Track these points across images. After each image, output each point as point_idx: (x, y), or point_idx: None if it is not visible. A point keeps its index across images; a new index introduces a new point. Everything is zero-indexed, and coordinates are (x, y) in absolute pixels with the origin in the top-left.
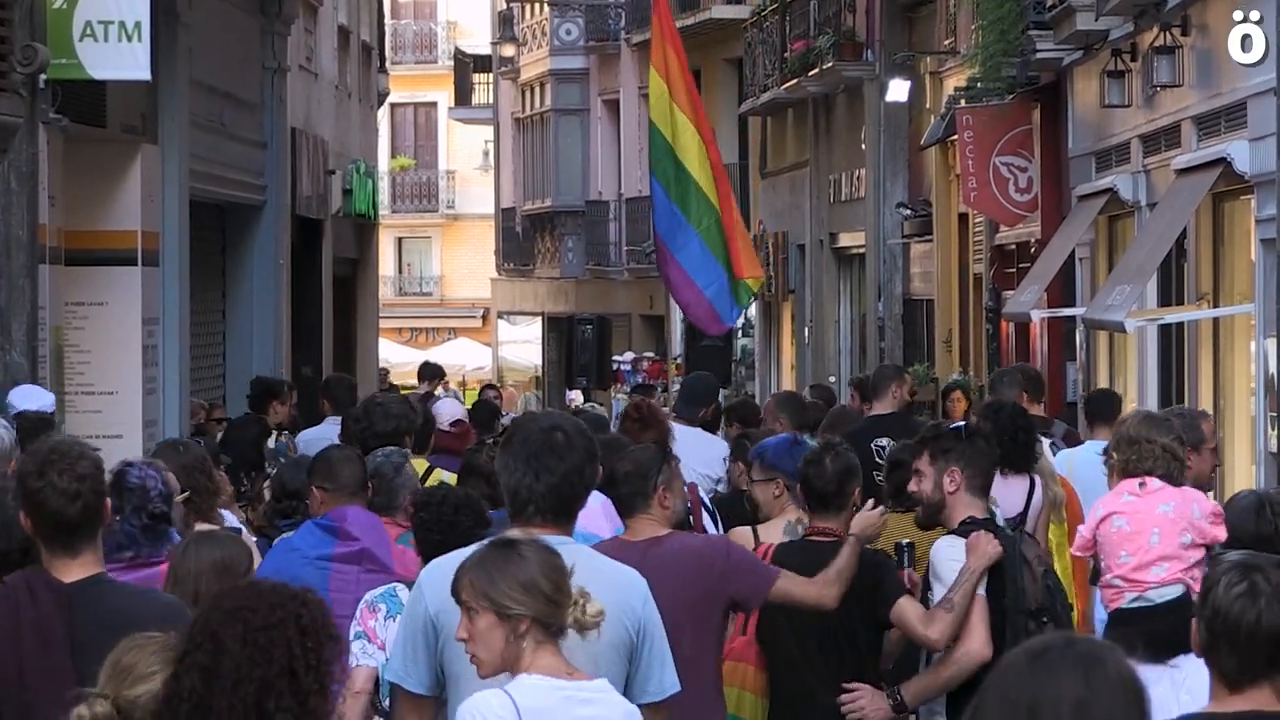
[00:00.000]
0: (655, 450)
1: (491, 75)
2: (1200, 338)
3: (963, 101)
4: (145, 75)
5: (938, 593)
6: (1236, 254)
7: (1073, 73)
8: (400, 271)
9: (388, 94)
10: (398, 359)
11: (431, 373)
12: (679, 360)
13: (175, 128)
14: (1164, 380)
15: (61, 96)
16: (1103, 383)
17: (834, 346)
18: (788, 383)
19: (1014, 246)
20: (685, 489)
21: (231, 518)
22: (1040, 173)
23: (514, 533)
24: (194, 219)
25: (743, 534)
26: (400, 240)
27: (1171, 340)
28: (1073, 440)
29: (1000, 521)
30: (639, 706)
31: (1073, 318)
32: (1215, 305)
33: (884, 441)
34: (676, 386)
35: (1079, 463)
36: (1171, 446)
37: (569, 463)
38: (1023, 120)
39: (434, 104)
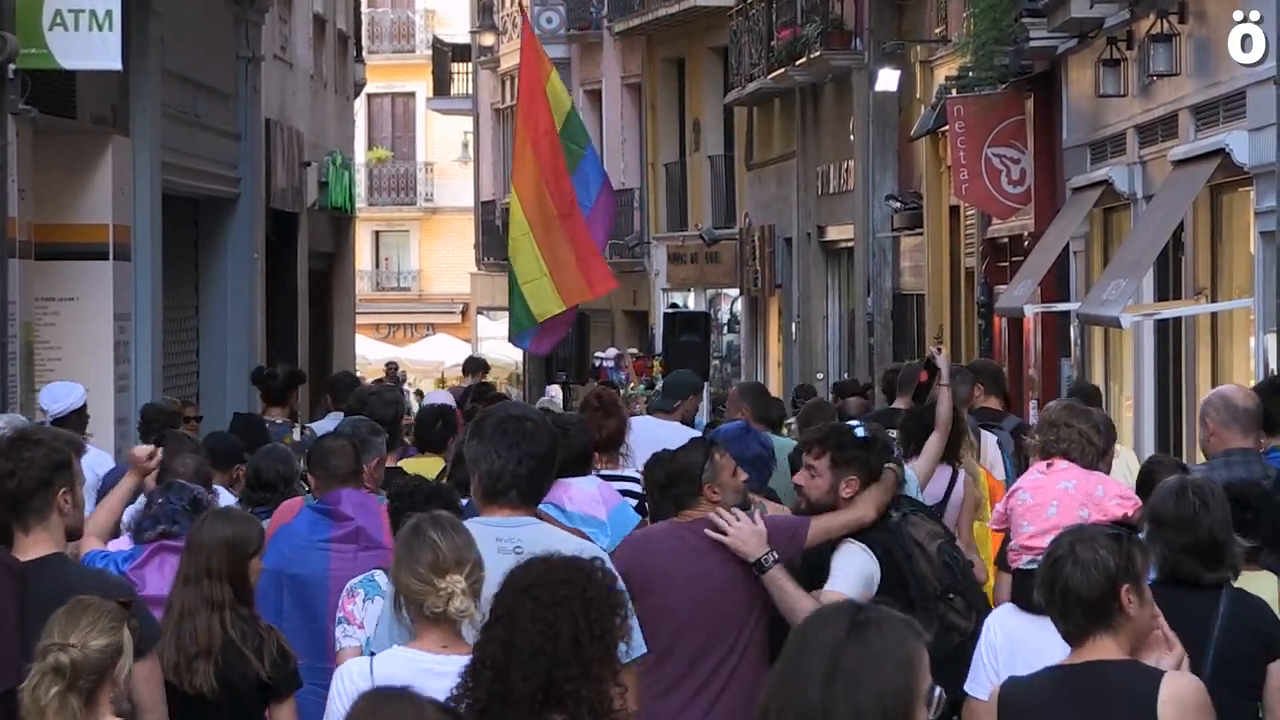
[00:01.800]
0: (701, 448)
1: (471, 65)
2: (1198, 333)
3: (954, 91)
4: (116, 65)
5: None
6: (1235, 247)
7: (1067, 61)
8: (377, 266)
9: (364, 84)
10: (375, 355)
11: (476, 366)
12: (661, 357)
13: (147, 119)
14: (1161, 377)
15: (31, 87)
16: (1098, 379)
17: (822, 343)
18: (775, 380)
19: (1007, 240)
20: (736, 478)
21: (228, 496)
22: (1033, 164)
23: (424, 522)
24: (166, 212)
25: None
26: (377, 234)
27: (1169, 336)
28: (1023, 433)
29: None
30: None
31: (1067, 313)
32: (1213, 300)
33: (892, 434)
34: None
35: None
36: (1087, 433)
37: (542, 448)
38: (1016, 110)
39: (412, 94)
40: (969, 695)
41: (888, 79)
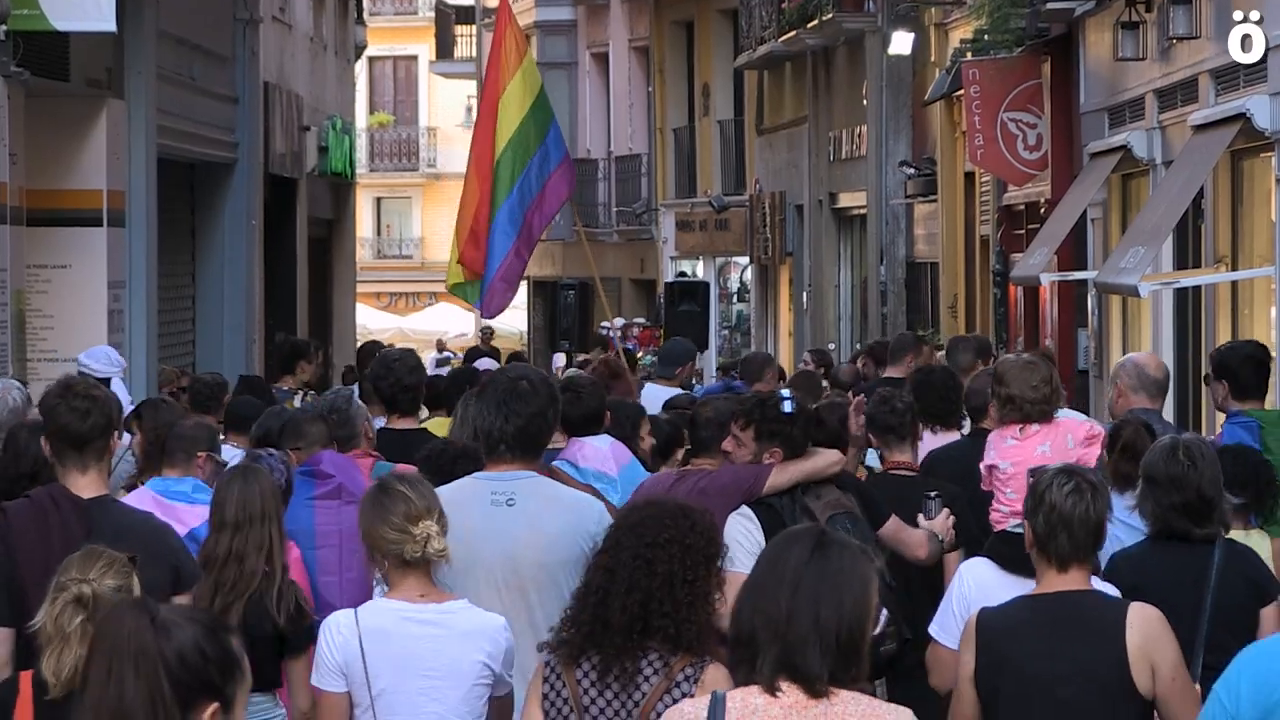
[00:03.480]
0: (733, 401)
1: (475, 27)
2: (1218, 302)
3: (969, 55)
4: (111, 26)
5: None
6: (1256, 214)
7: (1084, 24)
8: (379, 233)
9: (365, 46)
10: (376, 325)
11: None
12: (663, 326)
13: (142, 82)
14: (1179, 347)
15: (23, 49)
16: (1115, 349)
17: (833, 312)
18: (785, 350)
19: (1023, 207)
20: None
21: (230, 450)
22: (1050, 129)
23: (389, 479)
24: (162, 177)
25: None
26: (379, 200)
27: (1188, 305)
28: None
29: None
30: None
31: (1084, 281)
32: (1234, 268)
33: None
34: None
35: None
36: (1039, 395)
37: (534, 407)
38: (1032, 74)
39: (414, 57)
40: (935, 640)
41: (902, 42)
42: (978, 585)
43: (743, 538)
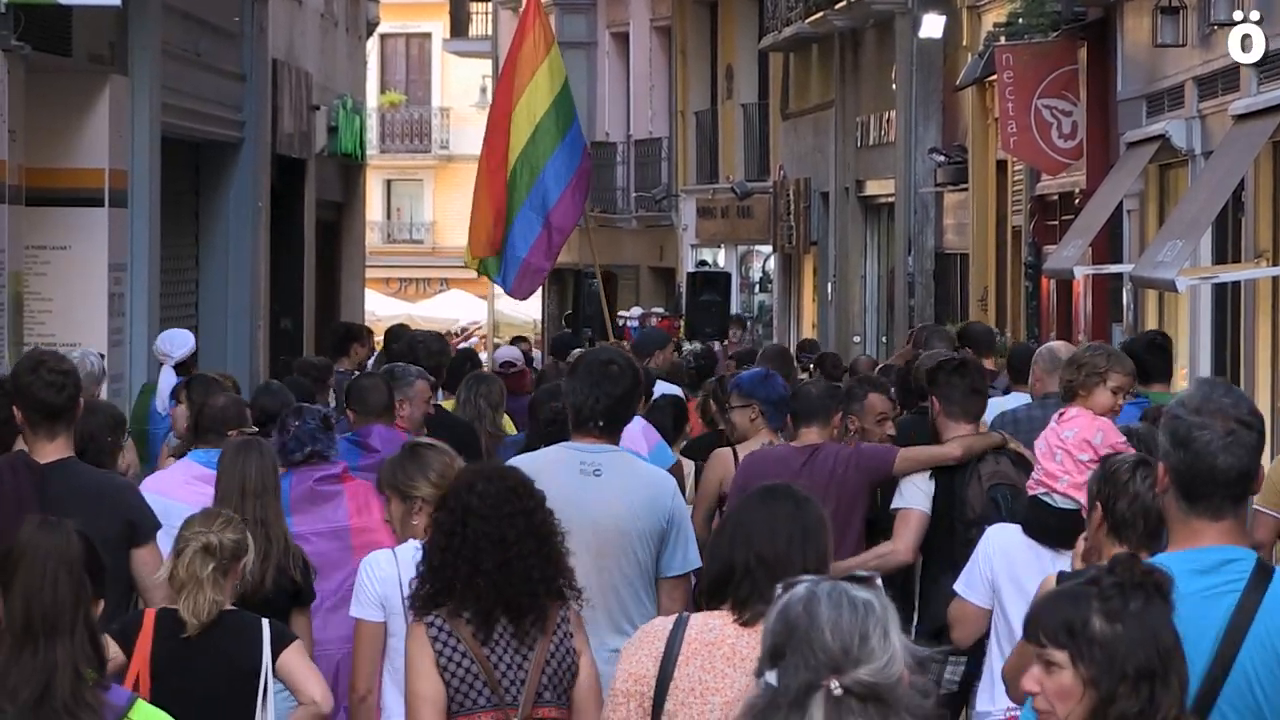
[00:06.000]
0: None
1: (490, 5)
2: (1258, 298)
3: (1002, 39)
4: (115, 0)
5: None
6: None
7: (1122, 8)
8: (389, 217)
9: (378, 23)
10: (385, 311)
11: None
12: (684, 317)
13: (146, 58)
14: (1218, 344)
15: (24, 22)
16: None
17: (859, 304)
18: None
19: (1056, 197)
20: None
21: None
22: (1086, 117)
23: (421, 441)
24: (166, 157)
25: (724, 454)
26: (389, 183)
27: (1227, 301)
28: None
29: None
30: (666, 578)
31: (1119, 275)
32: (1274, 263)
33: None
34: (689, 349)
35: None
36: (1069, 375)
37: (622, 388)
38: (1067, 60)
39: (428, 35)
40: (959, 595)
41: (932, 25)
42: (1001, 549)
43: (921, 482)
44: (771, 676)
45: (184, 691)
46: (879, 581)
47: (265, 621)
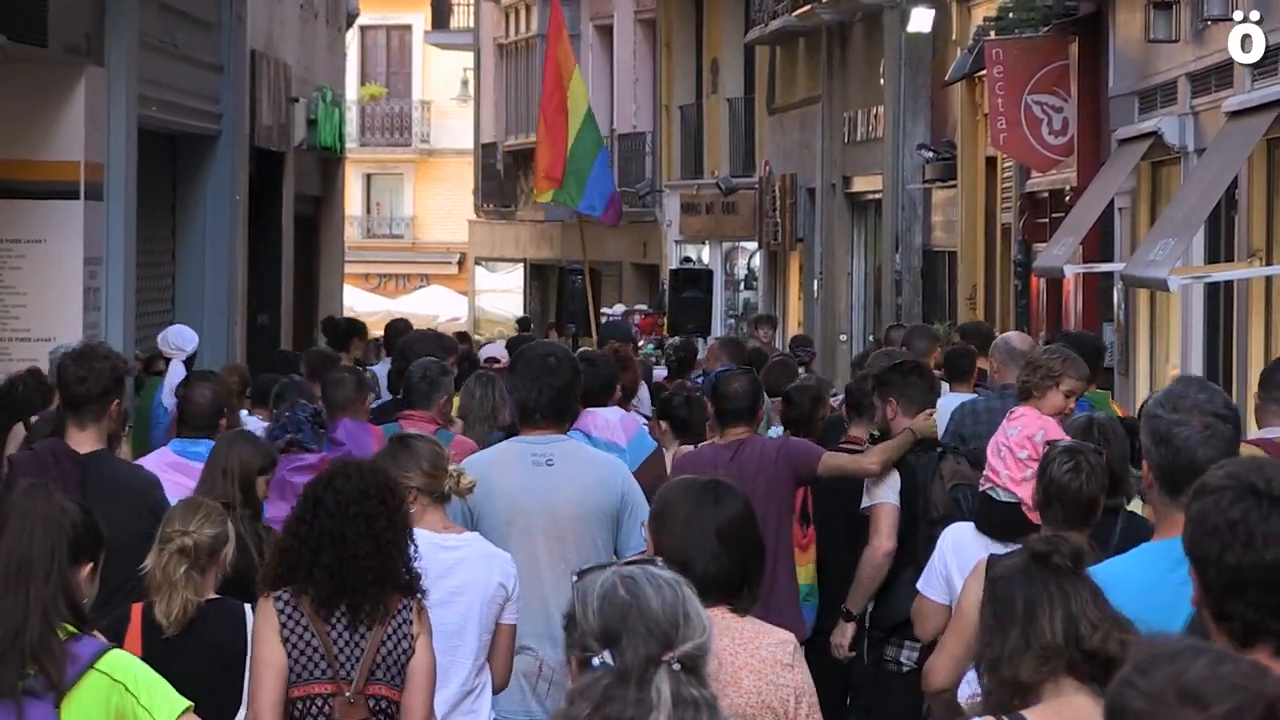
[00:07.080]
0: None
1: None
2: (1251, 298)
3: (992, 33)
4: None
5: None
6: None
7: (1114, 3)
8: (368, 211)
9: (357, 15)
10: (364, 307)
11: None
12: (665, 314)
13: (123, 48)
14: (1210, 344)
15: None
16: (1142, 345)
17: (846, 301)
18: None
19: (1046, 194)
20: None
21: (255, 422)
22: (1077, 113)
23: (410, 432)
24: (142, 149)
25: (660, 454)
26: (369, 177)
27: (1219, 300)
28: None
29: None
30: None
31: (1110, 274)
32: (1268, 262)
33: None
34: (670, 342)
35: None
36: (1025, 375)
37: (562, 379)
38: (1058, 55)
39: (408, 27)
40: (920, 594)
41: (921, 19)
42: (954, 546)
43: (888, 479)
44: (607, 656)
45: (176, 678)
46: (660, 560)
47: (247, 606)
